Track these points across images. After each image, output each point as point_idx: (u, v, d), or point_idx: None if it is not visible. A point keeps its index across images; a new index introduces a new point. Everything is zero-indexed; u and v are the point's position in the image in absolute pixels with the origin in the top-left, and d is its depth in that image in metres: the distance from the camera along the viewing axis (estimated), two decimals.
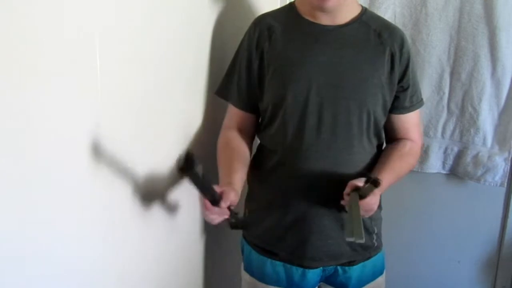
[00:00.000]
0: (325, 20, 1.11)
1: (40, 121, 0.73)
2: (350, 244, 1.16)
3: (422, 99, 1.24)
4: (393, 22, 1.28)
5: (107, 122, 0.89)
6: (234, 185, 1.07)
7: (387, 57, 1.12)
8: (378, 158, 1.18)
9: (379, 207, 1.21)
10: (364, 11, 1.15)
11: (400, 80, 1.14)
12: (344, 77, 1.10)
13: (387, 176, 1.10)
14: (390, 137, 1.23)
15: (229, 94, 1.19)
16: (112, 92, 0.89)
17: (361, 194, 1.02)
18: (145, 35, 0.98)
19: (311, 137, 1.11)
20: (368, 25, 1.13)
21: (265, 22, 1.16)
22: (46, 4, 0.71)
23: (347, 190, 1.04)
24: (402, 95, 1.16)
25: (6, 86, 0.66)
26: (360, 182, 1.03)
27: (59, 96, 0.76)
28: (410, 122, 1.21)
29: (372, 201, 1.03)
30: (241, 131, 1.22)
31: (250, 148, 1.23)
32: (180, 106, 1.16)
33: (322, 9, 1.08)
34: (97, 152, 0.87)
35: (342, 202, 1.07)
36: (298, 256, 1.18)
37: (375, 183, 1.01)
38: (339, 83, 1.10)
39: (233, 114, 1.21)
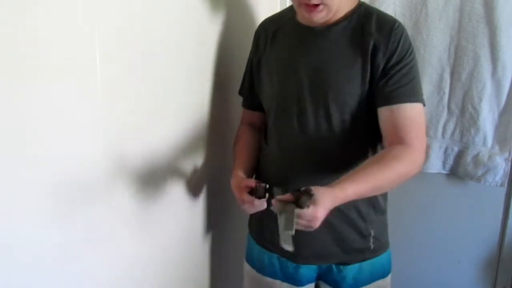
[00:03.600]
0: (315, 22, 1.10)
1: (40, 121, 0.73)
2: (341, 245, 1.16)
3: (418, 98, 1.08)
4: None
5: (107, 121, 0.89)
6: (240, 176, 1.15)
7: (369, 52, 1.05)
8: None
9: (380, 211, 1.20)
10: (359, 7, 1.11)
11: (383, 69, 1.05)
12: (325, 78, 1.09)
13: (354, 185, 0.98)
14: (384, 138, 1.11)
15: (242, 94, 1.32)
16: (112, 91, 0.89)
17: (299, 204, 0.91)
18: (146, 36, 0.98)
19: (298, 139, 1.13)
20: (358, 23, 1.09)
21: (264, 27, 1.23)
22: (46, 5, 0.71)
23: (281, 197, 0.94)
24: (383, 83, 1.05)
25: (6, 86, 0.66)
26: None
27: (59, 96, 0.76)
28: (402, 119, 1.05)
29: (312, 213, 0.91)
30: (253, 125, 1.30)
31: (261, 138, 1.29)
32: (181, 106, 1.16)
33: (311, 21, 1.08)
34: (98, 151, 0.87)
35: (272, 208, 0.97)
36: (285, 252, 1.18)
37: (307, 194, 0.91)
38: (320, 85, 1.09)
39: (244, 111, 1.33)
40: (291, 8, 1.19)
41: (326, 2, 1.01)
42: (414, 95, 1.07)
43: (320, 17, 1.05)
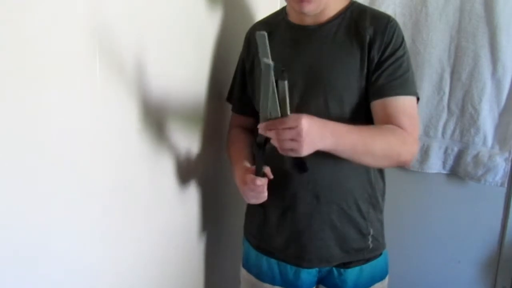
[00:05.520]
0: (308, 20, 1.11)
1: (39, 122, 0.73)
2: (342, 245, 1.15)
3: (412, 90, 1.08)
4: None
5: (106, 121, 0.89)
6: (246, 166, 1.11)
7: (366, 46, 1.06)
8: None
9: (379, 210, 1.20)
10: (351, 5, 1.12)
11: (377, 61, 1.06)
12: (322, 77, 1.09)
13: (347, 129, 0.97)
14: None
15: (232, 99, 1.30)
16: (112, 92, 0.90)
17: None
18: (145, 36, 0.98)
19: None
20: (351, 19, 1.10)
21: (253, 32, 1.20)
22: (47, 6, 0.71)
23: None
24: (376, 76, 1.06)
25: (6, 87, 0.66)
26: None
27: (59, 96, 0.76)
28: (395, 108, 1.05)
29: (295, 118, 0.89)
30: (244, 128, 1.28)
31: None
32: (177, 106, 1.16)
33: (302, 13, 1.07)
34: (98, 151, 0.88)
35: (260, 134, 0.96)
36: (288, 255, 1.18)
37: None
38: (317, 84, 1.09)
39: (235, 116, 1.31)
40: (282, 11, 1.20)
41: None
42: (406, 88, 1.07)
43: (310, 9, 1.05)
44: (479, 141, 1.72)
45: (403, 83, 1.06)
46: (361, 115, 1.10)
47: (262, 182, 1.04)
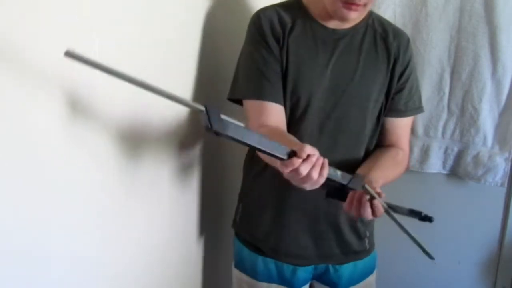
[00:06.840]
0: (333, 24, 1.10)
1: (39, 121, 0.73)
2: (342, 247, 1.18)
3: (420, 107, 1.21)
4: (393, 22, 1.27)
5: (106, 121, 0.89)
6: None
7: (392, 61, 1.11)
8: (371, 160, 1.14)
9: None
10: (370, 14, 1.14)
11: (398, 80, 1.13)
12: (347, 82, 1.10)
13: (380, 184, 1.07)
14: (380, 140, 1.20)
15: (264, 93, 1.07)
16: (112, 92, 0.90)
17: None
18: (145, 34, 0.98)
19: (309, 141, 1.10)
20: (374, 29, 1.13)
21: (274, 16, 1.09)
22: (46, 5, 0.71)
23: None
24: (397, 97, 1.15)
25: (6, 86, 0.66)
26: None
27: (59, 96, 0.76)
28: (403, 128, 1.19)
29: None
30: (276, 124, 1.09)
31: None
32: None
33: (344, 19, 1.05)
34: (99, 152, 0.87)
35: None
36: (287, 254, 1.19)
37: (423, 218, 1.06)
38: (342, 89, 1.10)
39: (272, 113, 1.07)
40: (298, 5, 1.12)
41: (368, 2, 1.02)
42: (417, 107, 1.19)
43: (354, 16, 1.05)
44: (479, 141, 1.72)
45: (415, 102, 1.17)
46: (372, 124, 1.14)
47: (292, 164, 0.80)
